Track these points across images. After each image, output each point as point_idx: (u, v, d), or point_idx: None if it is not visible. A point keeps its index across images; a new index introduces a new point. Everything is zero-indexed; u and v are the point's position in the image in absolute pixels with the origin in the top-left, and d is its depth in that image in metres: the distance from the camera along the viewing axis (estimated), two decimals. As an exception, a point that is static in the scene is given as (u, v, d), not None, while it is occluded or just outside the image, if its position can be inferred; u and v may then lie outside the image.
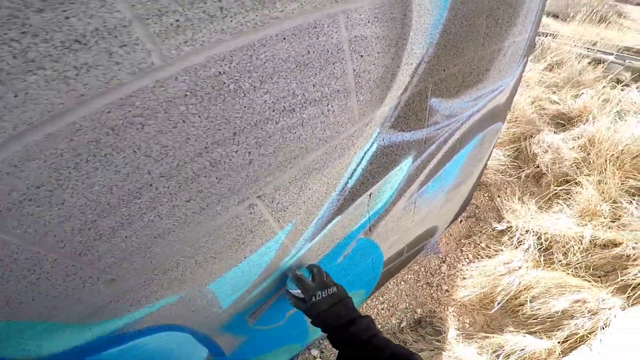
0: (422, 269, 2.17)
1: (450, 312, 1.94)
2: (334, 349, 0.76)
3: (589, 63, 3.29)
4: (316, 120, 0.58)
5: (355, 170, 0.80)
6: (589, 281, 1.86)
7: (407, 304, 1.97)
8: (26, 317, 0.46)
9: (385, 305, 1.96)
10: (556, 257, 2.01)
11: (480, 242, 2.25)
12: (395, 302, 1.98)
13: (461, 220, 2.39)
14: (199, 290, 0.67)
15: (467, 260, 2.19)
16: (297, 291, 0.79)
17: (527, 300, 1.80)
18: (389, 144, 0.85)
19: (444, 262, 2.20)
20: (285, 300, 0.97)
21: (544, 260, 2.02)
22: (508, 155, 2.53)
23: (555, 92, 2.96)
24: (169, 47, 0.35)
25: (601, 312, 1.66)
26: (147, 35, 0.33)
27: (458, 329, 1.85)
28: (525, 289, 1.85)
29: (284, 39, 0.44)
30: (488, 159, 1.95)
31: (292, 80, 0.49)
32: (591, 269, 1.93)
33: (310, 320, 0.76)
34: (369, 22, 0.54)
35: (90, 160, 0.36)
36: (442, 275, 2.13)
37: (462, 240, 2.29)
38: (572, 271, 1.93)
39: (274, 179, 0.60)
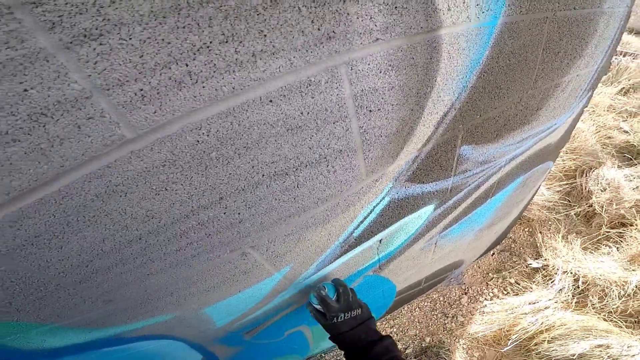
0: (441, 298, 2.06)
1: (460, 345, 1.83)
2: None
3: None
4: (314, 181, 0.54)
5: (362, 222, 0.75)
6: (621, 326, 1.65)
7: (417, 331, 1.90)
8: (34, 319, 0.52)
9: (395, 330, 1.90)
10: (590, 301, 1.79)
11: (510, 278, 2.08)
12: (406, 328, 1.91)
13: (493, 254, 2.22)
14: (194, 312, 0.70)
15: (491, 294, 2.04)
16: (319, 306, 0.77)
17: (545, 341, 1.63)
18: (404, 197, 0.77)
19: (465, 293, 2.07)
20: (285, 320, 0.97)
21: (575, 302, 1.81)
22: (558, 191, 2.27)
23: (626, 120, 2.58)
24: (137, 118, 0.33)
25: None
26: (111, 107, 0.32)
27: (464, 363, 1.74)
28: (546, 329, 1.69)
29: (270, 101, 0.40)
30: (532, 198, 1.77)
31: (283, 144, 0.45)
32: (627, 314, 1.70)
33: (329, 336, 0.76)
34: (380, 71, 0.46)
35: (80, 220, 0.39)
36: (460, 307, 2.01)
37: (490, 274, 2.13)
38: (604, 315, 1.71)
39: (268, 234, 0.59)
